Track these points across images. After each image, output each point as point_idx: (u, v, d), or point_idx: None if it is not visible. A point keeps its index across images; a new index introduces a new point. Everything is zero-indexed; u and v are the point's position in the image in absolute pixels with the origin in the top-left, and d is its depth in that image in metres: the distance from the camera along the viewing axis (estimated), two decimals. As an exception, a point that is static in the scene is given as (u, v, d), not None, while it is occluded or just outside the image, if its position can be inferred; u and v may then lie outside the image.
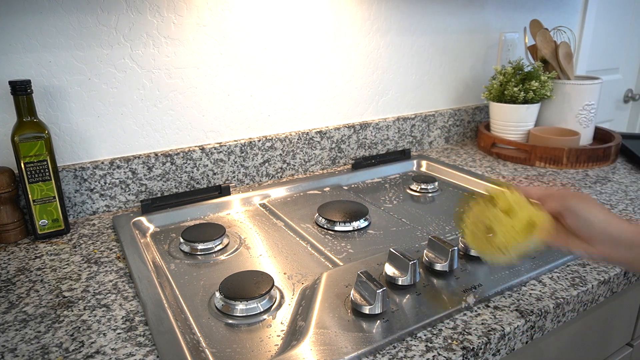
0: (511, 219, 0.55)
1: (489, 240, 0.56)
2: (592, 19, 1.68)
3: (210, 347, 0.55)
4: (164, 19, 0.88)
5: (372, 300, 0.56)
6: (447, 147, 1.35)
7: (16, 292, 0.65)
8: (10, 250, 0.78)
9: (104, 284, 0.67)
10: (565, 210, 0.53)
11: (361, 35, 1.13)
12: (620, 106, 2.03)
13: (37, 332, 0.57)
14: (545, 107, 1.28)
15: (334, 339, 0.53)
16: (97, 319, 0.59)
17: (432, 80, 1.30)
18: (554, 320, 0.62)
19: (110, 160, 0.89)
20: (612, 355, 0.82)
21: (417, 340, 0.54)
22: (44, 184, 0.79)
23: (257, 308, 0.61)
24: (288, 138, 1.08)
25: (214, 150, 0.99)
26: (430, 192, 1.03)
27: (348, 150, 1.18)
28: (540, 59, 1.29)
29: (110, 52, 0.85)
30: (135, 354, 0.52)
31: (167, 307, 0.59)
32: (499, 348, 0.56)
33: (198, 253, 0.77)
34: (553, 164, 1.15)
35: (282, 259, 0.75)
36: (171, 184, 0.96)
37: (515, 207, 0.55)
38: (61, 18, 0.80)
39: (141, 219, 0.86)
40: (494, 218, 0.56)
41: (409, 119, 1.26)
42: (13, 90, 0.75)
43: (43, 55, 0.80)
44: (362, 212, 0.87)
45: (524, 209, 0.55)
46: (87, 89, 0.85)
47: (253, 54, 1.00)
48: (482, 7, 1.33)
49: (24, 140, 0.76)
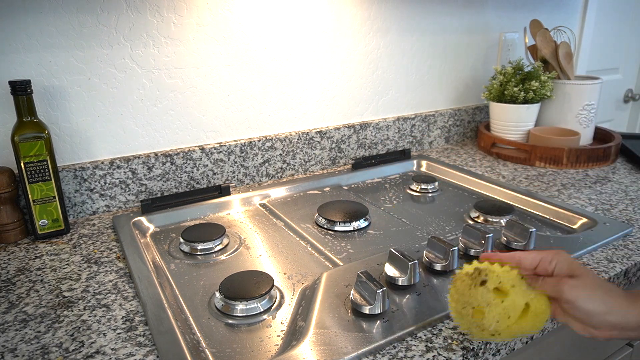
0: (503, 303, 0.47)
1: (477, 324, 0.48)
2: (592, 19, 1.68)
3: (210, 347, 0.55)
4: (164, 19, 0.88)
5: (372, 301, 0.56)
6: (447, 147, 1.35)
7: (16, 292, 0.65)
8: (10, 250, 0.78)
9: (104, 284, 0.67)
10: (561, 299, 0.47)
11: (361, 35, 1.13)
12: (620, 106, 2.03)
13: (37, 332, 0.57)
14: (545, 107, 1.28)
15: (334, 339, 0.53)
16: (97, 319, 0.59)
17: (432, 80, 1.30)
18: (554, 320, 0.62)
19: (110, 160, 0.89)
20: (612, 355, 0.82)
21: (417, 340, 0.54)
22: (44, 184, 0.79)
23: (257, 308, 0.61)
24: (288, 138, 1.08)
25: (214, 150, 0.99)
26: (430, 192, 1.03)
27: (348, 150, 1.18)
28: (540, 59, 1.28)
29: (110, 52, 0.85)
30: (135, 354, 0.52)
31: (167, 307, 0.59)
32: (499, 348, 0.56)
33: (198, 253, 0.77)
34: (553, 164, 1.15)
35: (282, 259, 0.75)
36: (171, 184, 0.96)
37: (507, 288, 0.48)
38: (61, 18, 0.80)
39: (141, 219, 0.86)
40: (482, 300, 0.48)
41: (409, 119, 1.26)
42: (13, 90, 0.75)
43: (43, 55, 0.80)
44: (362, 212, 0.87)
45: (518, 291, 0.48)
46: (87, 89, 0.85)
47: (253, 54, 1.00)
48: (482, 7, 1.33)
49: (24, 140, 0.76)
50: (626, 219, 0.85)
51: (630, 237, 0.78)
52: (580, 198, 0.95)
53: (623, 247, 0.75)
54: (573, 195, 0.97)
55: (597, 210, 0.89)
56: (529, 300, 0.48)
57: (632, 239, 0.78)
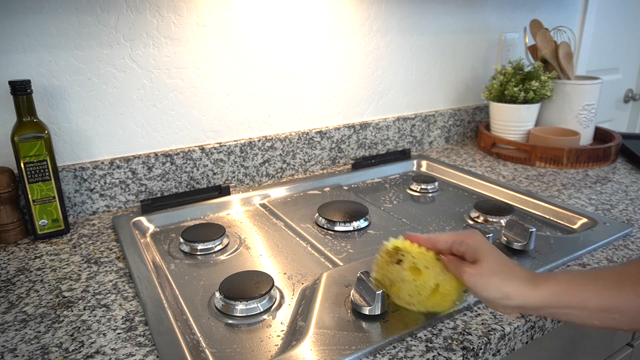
0: (415, 282, 0.52)
1: (394, 293, 0.55)
2: (592, 19, 1.68)
3: (210, 347, 0.55)
4: (164, 19, 0.88)
5: (372, 301, 0.56)
6: (447, 147, 1.35)
7: (16, 292, 0.65)
8: (10, 250, 0.78)
9: (104, 284, 0.67)
10: None
11: (361, 35, 1.13)
12: (620, 106, 2.03)
13: (37, 332, 0.56)
14: (546, 107, 1.28)
15: (334, 339, 0.53)
16: (97, 319, 0.59)
17: (432, 80, 1.30)
18: (554, 320, 0.62)
19: (110, 160, 0.89)
20: (612, 355, 0.82)
21: (417, 340, 0.54)
22: (43, 184, 0.79)
23: (257, 308, 0.61)
24: (288, 138, 1.08)
25: (214, 150, 0.99)
26: (430, 192, 1.03)
27: (348, 150, 1.18)
28: (540, 59, 1.28)
29: (110, 52, 0.85)
30: (135, 354, 0.52)
31: (167, 307, 0.59)
32: (499, 348, 0.56)
33: (198, 253, 0.77)
34: (553, 164, 1.15)
35: (282, 259, 0.75)
36: (171, 184, 0.96)
37: (421, 268, 0.52)
38: (61, 18, 0.80)
39: (141, 219, 0.86)
40: (397, 276, 0.53)
41: (409, 119, 1.26)
42: (13, 90, 0.74)
43: (43, 55, 0.80)
44: (362, 212, 0.87)
45: (430, 272, 0.52)
46: (87, 89, 0.85)
47: (253, 54, 0.99)
48: (482, 7, 1.33)
49: (24, 140, 0.76)
50: (626, 219, 0.85)
51: (630, 237, 0.78)
52: (581, 198, 0.95)
53: (623, 247, 0.75)
54: (573, 195, 0.97)
55: (597, 210, 0.89)
56: (439, 282, 0.52)
57: (632, 239, 0.78)
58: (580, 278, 0.48)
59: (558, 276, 0.49)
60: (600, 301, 0.46)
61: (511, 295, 0.47)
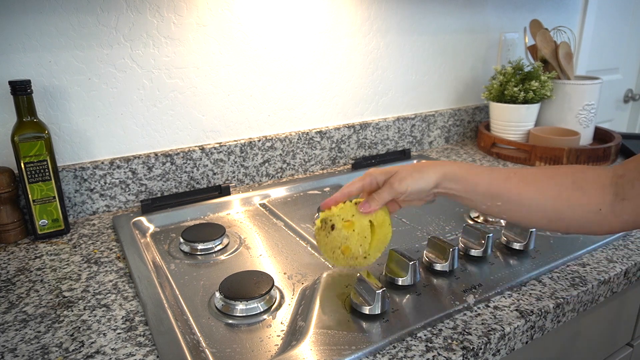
0: (355, 231, 0.59)
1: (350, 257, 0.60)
2: (592, 19, 1.68)
3: (210, 347, 0.55)
4: (164, 19, 0.88)
5: (372, 301, 0.56)
6: (447, 147, 1.35)
7: (16, 292, 0.65)
8: (10, 250, 0.78)
9: (104, 284, 0.67)
10: (397, 195, 0.59)
11: (361, 35, 1.13)
12: (620, 106, 2.03)
13: (37, 332, 0.57)
14: (545, 107, 1.28)
15: (334, 339, 0.53)
16: (97, 319, 0.59)
17: (432, 80, 1.30)
18: (554, 320, 0.62)
19: (110, 160, 0.89)
20: (612, 355, 0.82)
21: (417, 340, 0.54)
22: (44, 184, 0.79)
23: (257, 308, 0.61)
24: (288, 138, 1.08)
25: (214, 150, 0.99)
26: (430, 192, 1.03)
27: (348, 150, 1.18)
28: (540, 59, 1.28)
29: (110, 52, 0.85)
30: (135, 354, 0.52)
31: (167, 307, 0.59)
32: (499, 348, 0.56)
33: (198, 253, 0.77)
34: (553, 163, 1.15)
35: (282, 259, 0.75)
36: (171, 184, 0.96)
37: (350, 219, 0.59)
38: (61, 18, 0.80)
39: (141, 219, 0.86)
40: (341, 239, 0.59)
41: (409, 119, 1.26)
42: (13, 90, 0.75)
43: (43, 55, 0.80)
44: (362, 212, 0.87)
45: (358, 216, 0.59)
46: (87, 89, 0.85)
47: (253, 54, 1.00)
48: (482, 7, 1.33)
49: (24, 140, 0.76)
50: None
51: (630, 237, 0.78)
52: (580, 198, 0.95)
53: (623, 247, 0.75)
54: (573, 195, 0.97)
55: (597, 210, 0.89)
56: (370, 218, 0.59)
57: (632, 239, 0.78)
58: (479, 167, 0.58)
59: (462, 162, 0.58)
60: (488, 188, 0.56)
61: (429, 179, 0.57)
